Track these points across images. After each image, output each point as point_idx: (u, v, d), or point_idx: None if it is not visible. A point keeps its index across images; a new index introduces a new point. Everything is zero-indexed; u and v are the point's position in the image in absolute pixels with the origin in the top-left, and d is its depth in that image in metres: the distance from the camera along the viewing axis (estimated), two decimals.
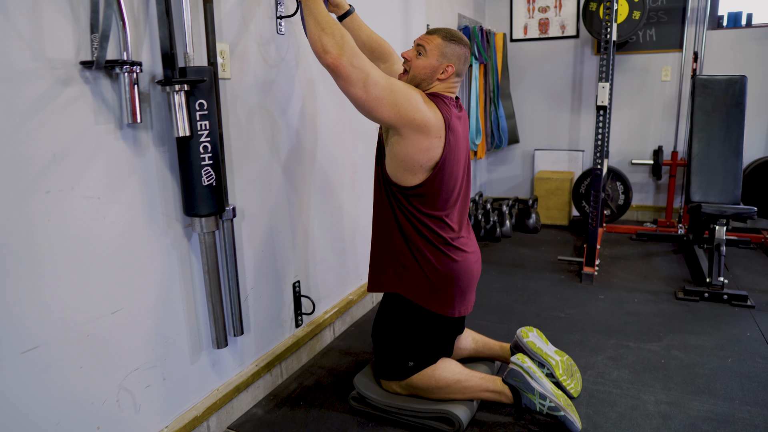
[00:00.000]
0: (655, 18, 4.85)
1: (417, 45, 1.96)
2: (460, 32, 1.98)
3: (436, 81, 1.94)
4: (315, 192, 2.66)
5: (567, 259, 4.10)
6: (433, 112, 1.85)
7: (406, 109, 1.78)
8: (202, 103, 1.74)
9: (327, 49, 1.71)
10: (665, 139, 5.01)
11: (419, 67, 1.94)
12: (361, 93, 1.74)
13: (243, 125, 2.13)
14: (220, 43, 1.97)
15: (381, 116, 1.79)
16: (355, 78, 1.72)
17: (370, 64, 1.77)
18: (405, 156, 1.87)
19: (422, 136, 1.83)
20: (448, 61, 1.91)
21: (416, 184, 1.90)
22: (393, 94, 1.77)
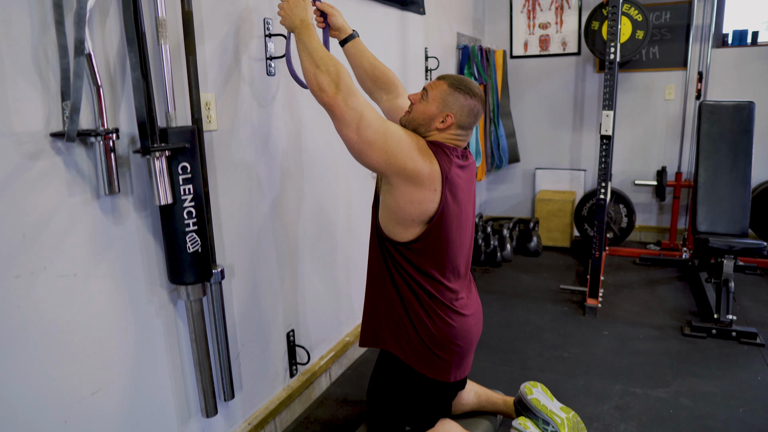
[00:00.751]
0: (659, 36, 4.75)
1: (423, 88, 1.85)
2: (474, 83, 1.83)
3: (435, 130, 1.80)
4: (307, 236, 2.55)
5: (569, 288, 3.99)
6: (429, 162, 1.71)
7: (396, 156, 1.65)
8: (186, 167, 1.63)
9: (323, 88, 1.61)
10: (669, 160, 4.90)
11: (418, 111, 1.81)
12: (353, 134, 1.62)
13: (230, 176, 2.02)
14: (205, 94, 1.86)
15: (370, 161, 1.67)
16: (349, 118, 1.61)
17: (367, 104, 1.66)
18: (396, 208, 1.74)
19: (414, 187, 1.70)
20: (448, 110, 1.76)
21: (409, 240, 1.77)
22: (385, 139, 1.65)
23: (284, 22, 1.84)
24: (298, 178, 2.44)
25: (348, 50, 2.09)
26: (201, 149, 1.76)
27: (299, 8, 1.82)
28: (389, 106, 2.08)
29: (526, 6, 5.11)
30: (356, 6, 2.77)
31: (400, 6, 3.26)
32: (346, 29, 2.07)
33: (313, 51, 1.69)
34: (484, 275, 4.36)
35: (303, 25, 1.77)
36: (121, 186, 1.58)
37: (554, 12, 5.04)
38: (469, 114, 1.79)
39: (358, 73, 2.11)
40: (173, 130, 1.60)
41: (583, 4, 4.95)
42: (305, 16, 1.80)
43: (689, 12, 4.63)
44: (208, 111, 1.87)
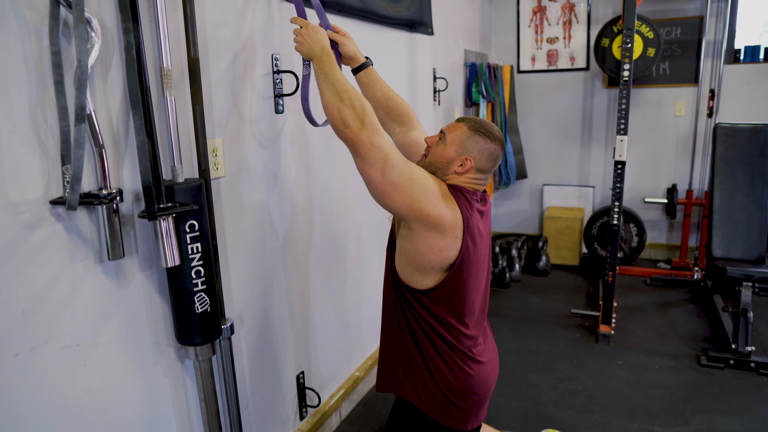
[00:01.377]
0: (669, 51, 4.66)
1: (440, 131, 1.76)
2: (494, 126, 1.75)
3: (453, 174, 1.71)
4: (317, 273, 2.46)
5: (581, 313, 3.91)
6: (451, 209, 1.63)
7: (420, 201, 1.57)
8: (193, 225, 1.55)
9: (347, 123, 1.53)
10: (679, 177, 4.82)
11: (436, 155, 1.73)
12: (376, 175, 1.54)
13: (240, 221, 1.94)
14: (212, 140, 1.77)
15: (392, 204, 1.58)
16: (373, 158, 1.52)
17: (391, 143, 1.58)
18: (415, 254, 1.66)
19: (435, 234, 1.62)
20: (467, 154, 1.67)
21: (428, 288, 1.69)
22: (411, 182, 1.57)
23: (302, 49, 1.75)
24: (308, 210, 2.36)
25: (361, 79, 2.00)
26: (209, 202, 1.68)
27: (319, 35, 1.74)
28: (402, 139, 1.99)
29: (534, 20, 5.03)
30: (364, 30, 2.69)
31: (408, 29, 3.18)
32: (359, 57, 1.97)
33: (336, 82, 1.60)
34: (493, 297, 4.28)
35: (324, 53, 1.69)
36: (126, 246, 1.50)
37: (562, 26, 4.96)
38: (488, 158, 1.70)
39: (371, 104, 2.01)
40: (180, 187, 1.52)
41: (592, 19, 4.87)
42: (326, 44, 1.72)
43: (700, 27, 4.55)
44: (216, 158, 1.79)
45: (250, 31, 1.93)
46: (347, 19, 2.52)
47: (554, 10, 4.97)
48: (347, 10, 2.46)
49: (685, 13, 4.60)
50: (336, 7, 2.39)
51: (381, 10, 2.73)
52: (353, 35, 2.54)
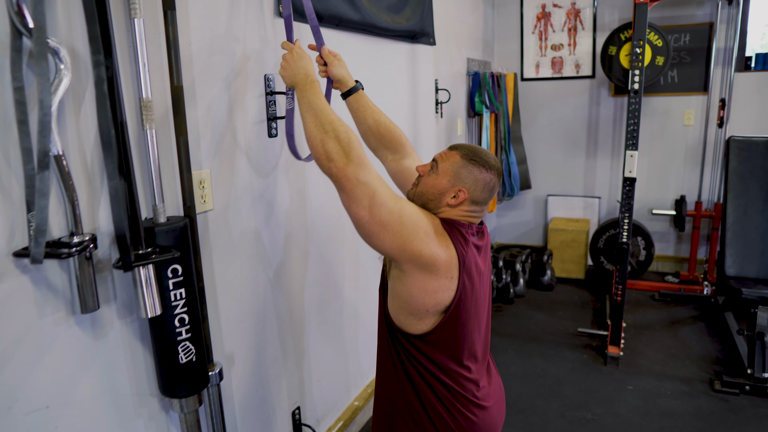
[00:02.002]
0: (678, 59, 4.53)
1: (433, 159, 1.63)
2: (490, 154, 1.60)
3: (446, 206, 1.57)
4: (312, 302, 2.33)
5: (588, 332, 3.77)
6: (446, 247, 1.49)
7: (412, 241, 1.43)
8: (176, 269, 1.42)
9: (331, 157, 1.41)
10: (688, 188, 4.69)
11: (427, 185, 1.59)
12: (363, 213, 1.41)
13: (229, 255, 1.81)
14: (198, 172, 1.64)
15: (382, 245, 1.45)
16: (360, 195, 1.40)
17: (380, 178, 1.45)
18: (408, 297, 1.53)
19: (428, 275, 1.49)
20: (461, 185, 1.54)
21: (424, 332, 1.56)
22: (401, 221, 1.43)
23: (285, 74, 1.64)
24: (303, 240, 2.23)
25: (350, 104, 1.86)
26: (194, 241, 1.55)
27: (304, 61, 1.62)
28: (395, 168, 1.87)
29: (538, 27, 4.89)
30: (363, 44, 2.56)
31: (410, 40, 3.05)
32: (348, 81, 1.84)
33: (320, 112, 1.48)
34: (497, 314, 4.15)
35: (307, 81, 1.57)
36: (103, 294, 1.37)
37: (567, 33, 4.83)
38: (484, 189, 1.56)
39: (361, 130, 1.89)
40: (162, 229, 1.39)
41: (598, 25, 4.74)
42: (310, 71, 1.60)
43: (710, 34, 4.42)
44: (203, 190, 1.66)
45: (242, 51, 1.79)
46: (345, 33, 2.39)
47: (559, 16, 4.84)
48: (345, 24, 2.33)
49: (694, 19, 4.46)
50: (333, 21, 2.25)
51: (381, 22, 2.59)
52: (352, 50, 2.41)
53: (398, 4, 2.81)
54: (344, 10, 2.29)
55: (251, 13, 1.83)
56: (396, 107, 2.96)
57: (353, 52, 2.47)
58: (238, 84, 1.79)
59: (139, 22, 1.32)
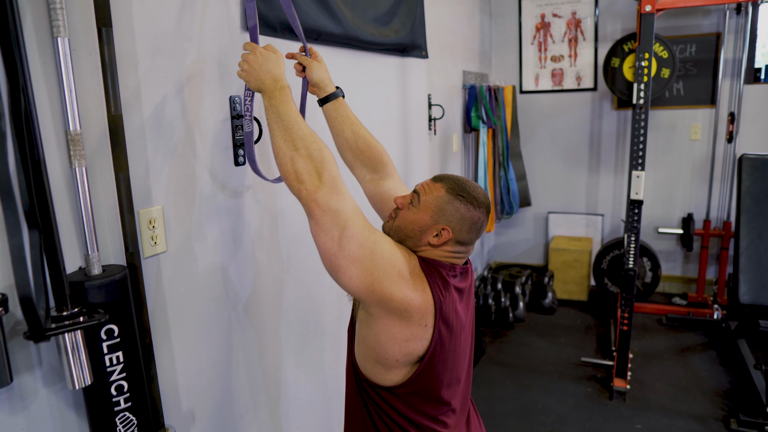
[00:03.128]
0: (683, 71, 4.33)
1: (414, 190, 1.42)
2: (479, 187, 1.39)
3: (427, 245, 1.36)
4: (289, 341, 2.11)
5: (592, 362, 3.55)
6: (421, 290, 1.28)
7: (382, 281, 1.23)
8: (111, 330, 1.20)
9: (301, 177, 1.22)
10: (696, 206, 4.48)
11: (406, 220, 1.38)
12: (331, 245, 1.21)
13: (186, 301, 1.59)
14: (147, 210, 1.43)
15: (348, 281, 1.25)
16: (329, 224, 1.20)
17: (354, 205, 1.24)
18: (375, 344, 1.32)
19: (399, 321, 1.28)
20: (445, 223, 1.33)
21: (394, 385, 1.35)
22: (372, 257, 1.23)
23: (248, 78, 1.41)
24: (277, 271, 2.01)
25: (328, 112, 1.64)
26: (139, 291, 1.34)
27: (272, 63, 1.39)
28: (373, 189, 1.65)
29: (537, 37, 4.70)
30: (347, 59, 2.36)
31: (399, 53, 2.85)
32: (327, 86, 1.62)
33: (291, 125, 1.28)
34: (494, 341, 3.92)
35: (276, 87, 1.35)
36: (23, 360, 1.15)
37: (567, 44, 4.63)
38: (471, 228, 1.35)
39: (338, 143, 1.67)
40: (93, 284, 1.18)
41: (600, 36, 4.54)
42: (280, 74, 1.38)
43: (717, 45, 4.22)
44: (153, 230, 1.44)
45: (200, 70, 1.59)
46: (326, 48, 2.18)
47: (559, 26, 4.64)
48: (325, 38, 2.13)
49: (701, 29, 4.27)
50: (312, 35, 2.05)
51: (366, 36, 2.39)
52: (333, 66, 2.20)
53: (386, 16, 2.61)
54: (324, 23, 2.09)
55: (211, 27, 1.62)
56: (385, 126, 2.75)
57: (335, 68, 2.25)
58: (197, 108, 1.58)
59: (64, 42, 1.12)
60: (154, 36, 1.41)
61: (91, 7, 1.20)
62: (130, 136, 1.34)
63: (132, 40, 1.35)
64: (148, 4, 1.39)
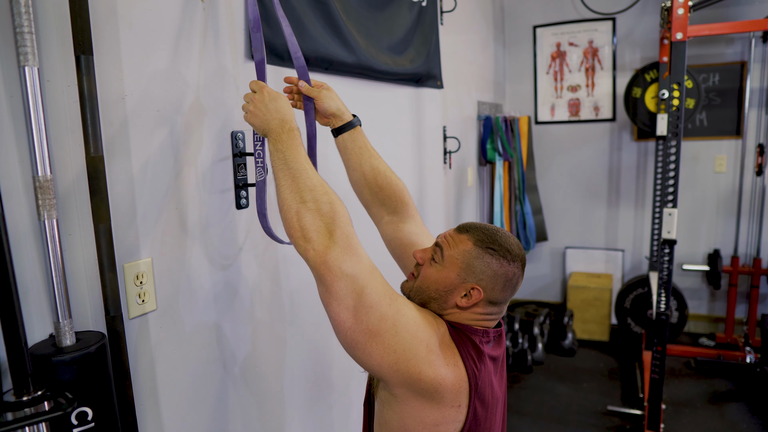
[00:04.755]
0: (707, 100, 4.15)
1: (436, 244, 1.22)
2: (512, 237, 1.20)
3: (454, 307, 1.17)
4: (293, 401, 1.90)
5: (619, 411, 3.30)
6: (453, 365, 1.09)
7: (409, 359, 1.04)
8: (84, 413, 1.00)
9: (308, 236, 1.03)
10: (722, 241, 4.26)
11: (429, 279, 1.18)
12: (346, 316, 1.02)
13: (178, 365, 1.39)
14: (134, 264, 1.23)
15: (368, 360, 1.06)
16: (342, 291, 1.01)
17: (371, 268, 1.05)
18: (399, 429, 1.12)
19: (429, 404, 1.08)
20: (475, 281, 1.14)
21: None
22: (395, 330, 1.04)
23: (254, 121, 1.24)
24: (278, 327, 1.80)
25: (344, 143, 1.45)
26: (122, 361, 1.14)
27: (280, 102, 1.22)
28: (392, 233, 1.46)
29: (553, 66, 4.55)
30: (360, 90, 2.20)
31: (414, 84, 2.68)
32: (345, 113, 1.44)
33: (298, 173, 1.10)
34: (513, 387, 3.68)
35: (284, 129, 1.18)
36: None
37: (584, 73, 4.48)
38: (505, 286, 1.17)
39: (354, 178, 1.49)
40: (62, 360, 0.98)
41: (618, 65, 4.39)
42: (288, 115, 1.21)
43: (742, 74, 4.05)
44: (141, 287, 1.25)
45: (199, 103, 1.41)
46: (337, 78, 2.02)
47: (575, 55, 4.49)
48: (337, 67, 1.96)
49: (724, 58, 4.11)
50: (322, 64, 1.88)
51: (380, 65, 2.23)
52: (345, 97, 2.04)
53: (401, 44, 2.45)
54: (336, 51, 1.92)
55: (212, 55, 1.45)
56: (399, 160, 2.57)
57: (347, 99, 2.08)
58: (192, 145, 1.40)
59: (32, 72, 0.95)
60: (146, 65, 1.24)
61: (69, 32, 1.03)
62: (113, 179, 1.15)
63: (119, 70, 1.17)
64: (139, 30, 1.22)
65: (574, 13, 4.44)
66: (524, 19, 4.60)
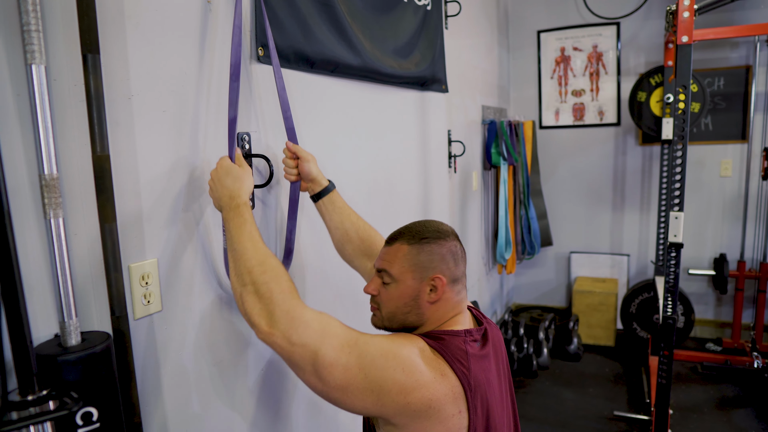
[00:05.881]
0: (712, 104, 4.14)
1: (378, 270, 1.25)
2: (434, 221, 1.28)
3: (428, 307, 1.21)
4: (299, 414, 1.89)
5: (625, 416, 3.27)
6: (441, 376, 1.09)
7: (389, 392, 1.05)
8: (89, 414, 0.99)
9: (252, 321, 1.09)
10: (728, 246, 4.24)
11: (392, 300, 1.22)
12: (314, 381, 1.06)
13: (186, 369, 1.38)
14: (140, 264, 1.23)
15: (354, 408, 1.09)
16: (299, 361, 1.06)
17: (321, 328, 1.07)
18: None
19: (430, 421, 1.09)
20: (431, 273, 1.19)
21: None
22: (365, 374, 1.05)
23: (210, 195, 1.32)
24: None
25: (324, 207, 1.55)
26: (127, 362, 1.13)
27: (230, 177, 1.27)
28: None
29: (557, 71, 4.55)
30: (364, 92, 2.19)
31: (419, 87, 2.68)
32: (322, 179, 1.54)
33: (239, 254, 1.15)
34: (518, 392, 3.66)
35: (231, 206, 1.23)
36: None
37: (589, 78, 4.47)
38: (454, 261, 1.23)
39: (337, 236, 1.57)
40: (68, 359, 0.97)
41: (622, 70, 4.38)
42: (236, 190, 1.25)
43: (747, 78, 4.04)
44: (146, 287, 1.24)
45: (206, 103, 1.41)
46: (342, 81, 2.02)
47: (579, 60, 4.49)
48: (342, 70, 1.96)
49: (729, 62, 4.10)
50: (327, 67, 1.88)
51: (386, 68, 2.22)
52: (350, 100, 2.06)
53: (406, 48, 2.45)
54: (341, 54, 1.92)
55: (217, 56, 1.45)
56: (404, 164, 2.57)
57: (353, 102, 2.10)
58: (199, 147, 1.39)
59: (39, 70, 0.94)
60: (152, 65, 1.24)
61: (76, 31, 1.03)
62: (119, 179, 1.15)
63: (125, 70, 1.17)
64: (146, 29, 1.22)
65: (578, 17, 4.44)
66: (528, 24, 4.61)
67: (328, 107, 1.94)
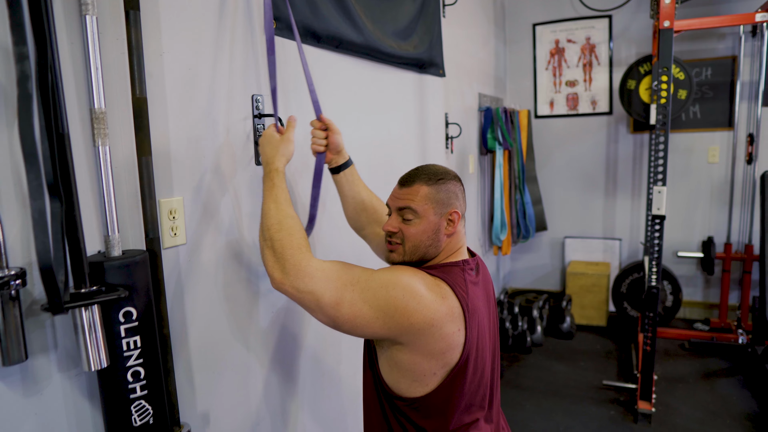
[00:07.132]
0: (699, 94, 4.32)
1: (399, 209, 1.40)
2: (438, 165, 1.46)
3: (445, 239, 1.39)
4: (307, 356, 2.06)
5: (614, 385, 3.44)
6: (443, 298, 1.26)
7: (393, 314, 1.23)
8: (129, 313, 1.17)
9: (268, 271, 1.30)
10: (716, 229, 4.41)
11: (416, 235, 1.37)
12: (324, 319, 1.28)
13: (205, 298, 1.56)
14: (168, 200, 1.41)
15: (366, 334, 1.30)
16: (309, 305, 1.27)
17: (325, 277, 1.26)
18: (411, 364, 1.29)
19: (433, 339, 1.25)
20: (449, 208, 1.38)
21: (426, 393, 1.31)
22: (369, 305, 1.24)
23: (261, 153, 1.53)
24: None
25: (344, 179, 1.71)
26: (158, 280, 1.31)
27: (269, 146, 1.49)
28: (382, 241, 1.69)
29: (552, 62, 4.73)
30: (366, 70, 2.37)
31: (417, 69, 2.86)
32: (345, 153, 1.71)
33: (264, 214, 1.37)
34: (512, 365, 3.83)
35: (265, 171, 1.45)
36: (38, 341, 1.13)
37: (582, 69, 4.65)
38: (462, 198, 1.44)
39: (352, 205, 1.74)
40: (112, 264, 1.15)
41: (614, 61, 4.56)
42: (272, 158, 1.46)
43: (733, 68, 4.22)
44: (173, 221, 1.43)
45: (226, 66, 1.59)
46: (346, 57, 2.20)
47: (573, 51, 4.68)
48: (346, 46, 2.14)
49: (716, 53, 4.28)
50: (332, 42, 2.07)
51: (386, 47, 2.41)
52: (353, 76, 2.23)
53: (405, 30, 2.63)
54: (345, 31, 2.11)
55: (238, 23, 1.63)
56: (403, 142, 2.75)
57: (356, 78, 2.28)
58: (220, 103, 1.58)
59: (91, 20, 1.12)
60: (179, 27, 1.42)
61: None
62: (153, 122, 1.33)
63: (158, 29, 1.36)
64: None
65: (572, 11, 4.63)
66: (524, 17, 4.79)
67: (333, 82, 2.12)
